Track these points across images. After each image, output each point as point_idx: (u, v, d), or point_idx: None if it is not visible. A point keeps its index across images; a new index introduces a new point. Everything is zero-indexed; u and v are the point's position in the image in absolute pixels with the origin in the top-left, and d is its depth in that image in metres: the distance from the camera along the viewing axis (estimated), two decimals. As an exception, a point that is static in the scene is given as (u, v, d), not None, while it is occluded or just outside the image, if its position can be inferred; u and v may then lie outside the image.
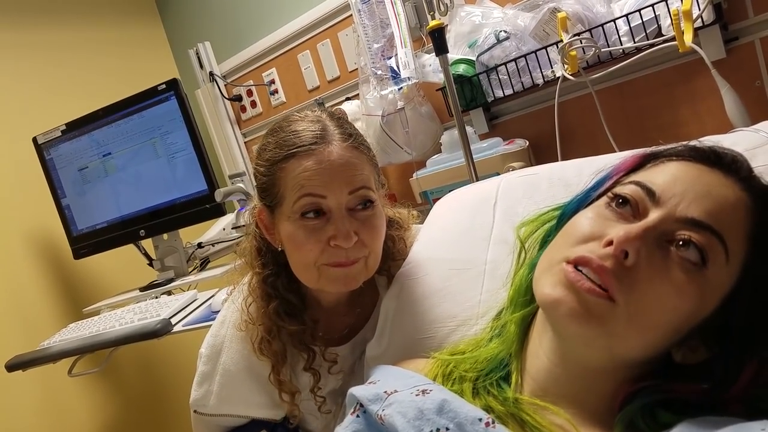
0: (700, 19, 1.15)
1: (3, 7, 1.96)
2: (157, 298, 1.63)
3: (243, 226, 1.67)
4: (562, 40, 1.24)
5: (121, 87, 1.83)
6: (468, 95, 1.49)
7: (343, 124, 0.81)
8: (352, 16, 1.65)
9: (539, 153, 1.51)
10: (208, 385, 0.91)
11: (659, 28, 1.21)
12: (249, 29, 2.13)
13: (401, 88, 1.53)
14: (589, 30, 1.26)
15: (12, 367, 1.51)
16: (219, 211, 1.69)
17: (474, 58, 1.44)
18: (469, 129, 1.44)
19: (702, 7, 1.13)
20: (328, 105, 1.94)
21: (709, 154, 0.57)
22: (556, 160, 1.37)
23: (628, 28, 1.24)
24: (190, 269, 1.82)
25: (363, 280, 0.82)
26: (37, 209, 1.90)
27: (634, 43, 1.22)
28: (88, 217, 1.85)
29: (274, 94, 2.12)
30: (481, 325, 0.75)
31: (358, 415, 0.61)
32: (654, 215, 0.53)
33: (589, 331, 0.52)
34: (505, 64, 1.39)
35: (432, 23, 1.20)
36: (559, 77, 1.31)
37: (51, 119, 1.85)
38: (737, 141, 0.72)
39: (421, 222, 0.99)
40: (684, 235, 0.51)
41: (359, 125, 1.69)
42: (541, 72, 1.36)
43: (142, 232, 1.77)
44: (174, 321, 1.39)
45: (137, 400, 2.06)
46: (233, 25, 2.18)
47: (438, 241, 0.90)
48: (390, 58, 1.56)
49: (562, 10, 1.27)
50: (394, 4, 1.53)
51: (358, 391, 0.63)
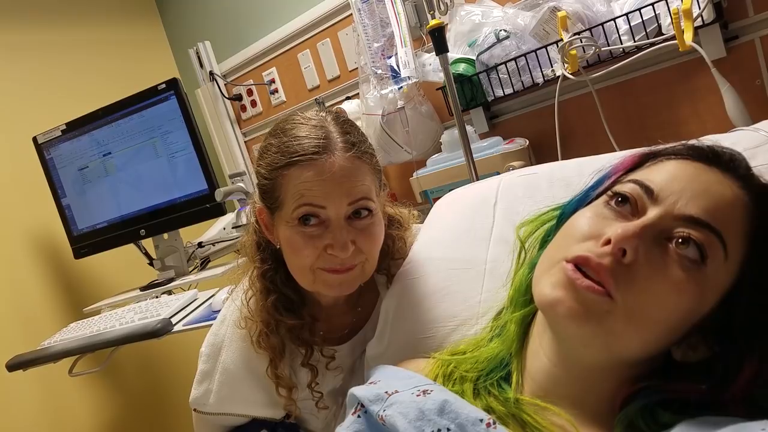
0: (700, 18, 1.15)
1: (2, 7, 1.96)
2: (157, 297, 1.63)
3: (243, 226, 1.67)
4: (562, 39, 1.24)
5: (121, 86, 1.83)
6: (468, 94, 1.49)
7: (347, 130, 0.79)
8: (352, 15, 1.64)
9: (539, 152, 1.51)
10: (208, 384, 0.91)
11: (659, 27, 1.21)
12: (249, 28, 2.12)
13: (401, 87, 1.53)
14: (589, 29, 1.26)
15: (12, 366, 1.51)
16: (219, 210, 1.69)
17: (474, 58, 1.44)
18: (469, 128, 1.44)
19: (702, 6, 1.13)
20: (328, 104, 1.94)
21: (707, 152, 0.57)
22: (557, 159, 1.37)
23: (628, 27, 1.23)
24: (191, 269, 1.82)
25: (359, 284, 0.82)
26: (38, 209, 1.90)
27: (634, 42, 1.22)
28: (88, 217, 1.85)
29: (274, 94, 2.12)
30: (482, 324, 0.75)
31: (359, 416, 0.61)
32: (652, 213, 0.53)
33: (588, 331, 0.52)
34: (505, 63, 1.39)
35: (432, 22, 1.20)
36: (559, 76, 1.31)
37: (51, 119, 1.85)
38: (737, 140, 0.72)
39: (421, 222, 0.99)
40: (682, 232, 0.51)
41: (359, 124, 1.68)
42: (541, 71, 1.36)
43: (143, 232, 1.77)
44: (174, 320, 1.39)
45: (138, 400, 2.06)
46: (233, 25, 2.18)
47: (438, 240, 0.90)
48: (390, 58, 1.55)
49: (562, 8, 1.27)
50: (394, 3, 1.52)
51: (358, 391, 0.63)
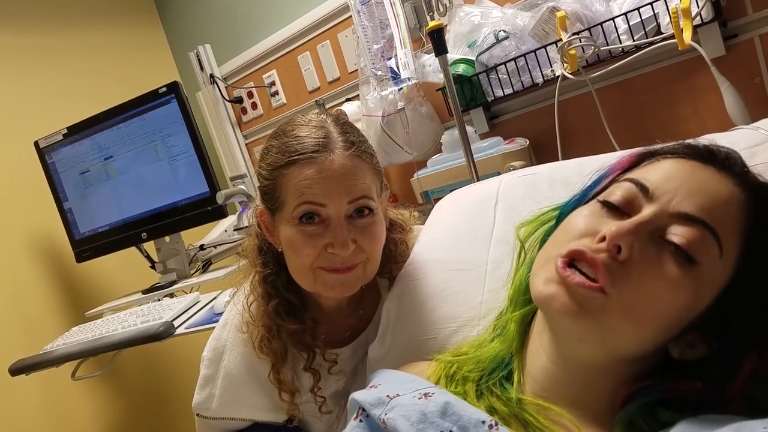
0: (699, 17, 1.15)
1: (3, 11, 1.97)
2: (159, 300, 1.63)
3: (245, 228, 1.68)
4: (561, 39, 1.24)
5: (122, 90, 1.84)
6: (468, 95, 1.50)
7: (347, 130, 0.80)
8: (351, 17, 1.65)
9: (540, 152, 1.51)
10: (211, 388, 0.91)
11: (658, 26, 1.21)
12: (249, 31, 2.13)
13: (401, 88, 1.53)
14: (588, 29, 1.26)
15: (15, 371, 1.51)
16: (221, 213, 1.69)
17: (473, 58, 1.45)
18: (469, 128, 1.44)
19: (701, 5, 1.13)
20: (328, 106, 1.94)
21: (703, 151, 0.58)
22: (557, 158, 1.37)
23: (627, 26, 1.24)
24: (193, 271, 1.82)
25: (360, 285, 0.82)
26: (40, 213, 1.91)
27: (634, 41, 1.22)
28: (90, 221, 1.85)
29: (274, 96, 2.12)
30: (483, 325, 0.75)
31: (360, 420, 0.61)
32: (647, 211, 0.54)
33: (583, 325, 0.52)
34: (504, 63, 1.39)
35: (431, 24, 1.20)
36: (558, 76, 1.31)
37: (52, 123, 1.86)
38: (737, 139, 0.72)
39: (422, 223, 0.99)
40: (677, 230, 0.52)
41: (360, 126, 1.69)
42: (541, 71, 1.36)
43: (144, 235, 1.77)
44: (176, 323, 1.39)
45: (141, 403, 2.07)
46: (233, 27, 2.18)
47: (439, 242, 0.90)
48: (390, 59, 1.56)
49: (561, 8, 1.28)
50: (393, 4, 1.53)
51: (359, 395, 0.63)
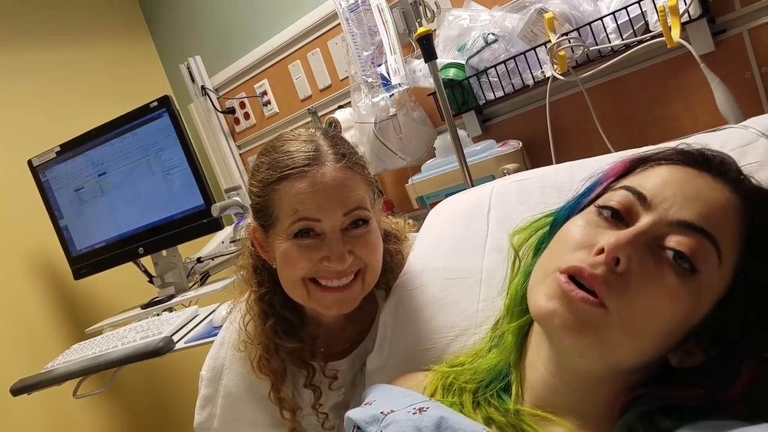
0: (686, 14, 1.15)
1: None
2: (158, 315, 1.63)
3: (241, 240, 1.67)
4: (550, 41, 1.24)
5: (115, 105, 1.84)
6: (459, 99, 1.49)
7: (337, 142, 0.79)
8: (340, 24, 1.65)
9: (533, 153, 1.51)
10: (211, 408, 0.91)
11: (646, 24, 1.21)
12: (239, 41, 2.13)
13: (392, 94, 1.53)
14: (577, 29, 1.26)
15: (17, 391, 1.51)
16: (216, 225, 1.69)
17: (463, 62, 1.45)
18: (462, 132, 1.44)
19: (688, 2, 1.13)
20: (320, 114, 1.94)
21: (698, 157, 0.57)
22: (550, 159, 1.37)
23: (615, 25, 1.23)
24: (191, 284, 1.82)
25: (359, 299, 0.82)
26: (36, 231, 1.90)
27: (622, 40, 1.22)
28: (86, 237, 1.85)
29: (266, 105, 2.12)
30: (480, 334, 0.75)
31: None
32: (645, 220, 0.53)
33: (583, 342, 0.52)
34: (494, 66, 1.39)
35: (419, 30, 1.20)
36: (549, 77, 1.31)
37: (45, 141, 1.85)
38: (727, 139, 0.72)
39: (417, 230, 0.99)
40: (676, 239, 0.51)
41: (352, 133, 1.69)
42: (531, 73, 1.36)
43: (141, 250, 1.77)
44: (176, 338, 1.39)
45: (143, 419, 2.06)
46: (223, 38, 2.18)
47: (434, 250, 0.89)
48: (380, 65, 1.55)
49: (548, 10, 1.27)
50: (381, 11, 1.53)
51: (354, 414, 0.62)
